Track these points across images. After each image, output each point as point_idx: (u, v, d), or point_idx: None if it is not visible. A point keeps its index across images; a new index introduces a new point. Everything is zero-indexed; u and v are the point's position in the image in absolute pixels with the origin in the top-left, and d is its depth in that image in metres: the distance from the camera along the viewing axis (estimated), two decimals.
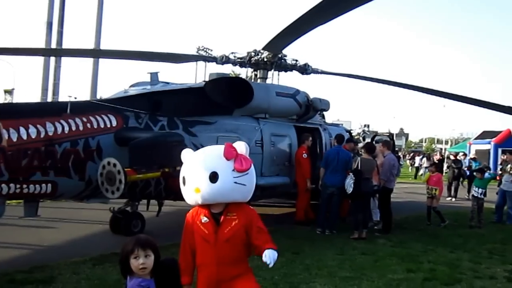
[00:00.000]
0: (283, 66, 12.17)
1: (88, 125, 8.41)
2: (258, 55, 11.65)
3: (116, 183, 7.84)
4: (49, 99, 21.67)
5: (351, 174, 10.35)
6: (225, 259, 3.88)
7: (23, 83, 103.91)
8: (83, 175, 8.27)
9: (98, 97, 17.47)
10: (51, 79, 22.59)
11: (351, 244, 9.64)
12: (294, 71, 12.48)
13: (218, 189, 3.82)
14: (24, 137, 7.51)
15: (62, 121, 8.09)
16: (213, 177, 3.80)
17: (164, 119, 9.39)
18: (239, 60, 11.81)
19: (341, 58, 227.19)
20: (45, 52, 18.70)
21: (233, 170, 3.85)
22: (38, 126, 7.75)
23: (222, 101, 10.29)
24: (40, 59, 22.09)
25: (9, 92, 33.71)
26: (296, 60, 12.27)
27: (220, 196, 3.86)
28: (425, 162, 28.85)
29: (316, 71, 12.62)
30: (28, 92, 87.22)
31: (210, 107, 9.98)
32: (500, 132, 30.95)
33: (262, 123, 11.10)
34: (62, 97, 22.63)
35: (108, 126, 8.66)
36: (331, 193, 10.76)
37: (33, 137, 7.65)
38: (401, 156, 34.37)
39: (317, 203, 11.61)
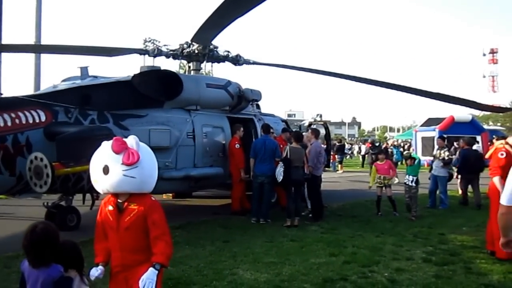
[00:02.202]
0: (215, 58, 12.66)
1: (17, 120, 8.74)
2: (190, 47, 11.95)
3: (44, 177, 8.16)
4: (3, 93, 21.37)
5: (281, 162, 10.83)
6: (126, 246, 4.28)
7: None
8: (13, 171, 8.64)
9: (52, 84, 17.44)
10: None
11: (283, 232, 10.16)
12: (226, 62, 12.85)
13: (108, 180, 4.19)
14: None
15: None
16: (105, 169, 4.19)
17: (94, 113, 9.73)
18: (171, 52, 12.16)
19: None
20: None
21: (122, 163, 4.18)
22: None
23: (151, 94, 10.63)
24: None
25: None
26: (228, 52, 12.70)
27: (110, 187, 4.24)
28: (362, 150, 29.74)
29: (248, 62, 13.16)
30: None
31: (140, 100, 10.35)
32: (444, 119, 31.78)
33: (193, 115, 11.55)
34: (5, 94, 22.34)
35: (37, 121, 9.00)
36: (261, 182, 11.27)
37: None
38: (346, 145, 35.16)
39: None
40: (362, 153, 33.11)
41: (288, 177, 10.77)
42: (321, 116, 23.50)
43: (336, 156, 29.92)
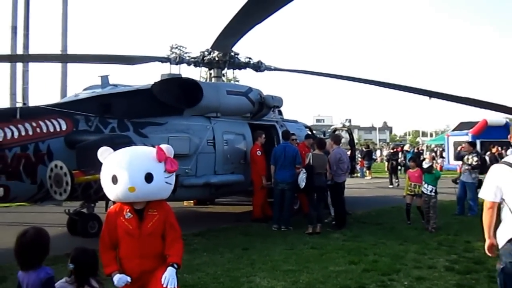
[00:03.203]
0: (237, 64, 12.78)
1: (38, 129, 8.98)
2: (210, 54, 12.08)
3: (63, 185, 8.36)
4: (19, 104, 21.93)
5: (303, 169, 10.87)
6: (147, 252, 4.45)
7: None
8: (34, 179, 8.88)
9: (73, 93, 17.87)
10: (19, 84, 22.89)
11: (304, 239, 10.18)
12: (248, 68, 12.92)
13: (153, 188, 4.38)
14: None
15: (11, 127, 8.62)
16: (148, 177, 4.34)
17: (114, 121, 9.93)
18: (193, 60, 12.29)
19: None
20: (11, 58, 19.06)
21: (165, 171, 4.41)
22: None
23: (171, 101, 10.78)
24: (7, 64, 22.38)
25: None
26: (250, 58, 12.78)
27: (153, 195, 4.45)
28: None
29: (269, 68, 13.22)
30: None
31: (160, 108, 10.49)
32: (477, 123, 31.33)
33: (213, 122, 11.68)
34: (32, 102, 22.93)
35: (58, 130, 9.24)
36: (282, 188, 11.34)
37: None
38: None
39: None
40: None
41: (311, 183, 10.83)
42: (350, 121, 23.33)
43: (364, 162, 29.74)
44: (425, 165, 11.93)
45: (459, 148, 21.83)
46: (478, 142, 28.33)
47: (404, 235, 10.64)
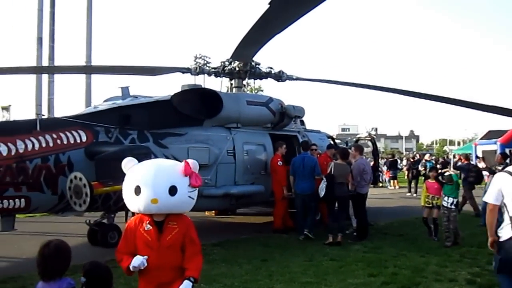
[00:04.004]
0: (258, 74, 12.80)
1: (58, 141, 9.12)
2: (231, 64, 12.16)
3: (83, 196, 8.49)
4: (45, 115, 22.33)
5: (324, 178, 10.91)
6: (166, 264, 4.46)
7: (19, 98, 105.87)
8: (55, 190, 9.03)
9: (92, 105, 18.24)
10: (45, 94, 23.30)
11: (324, 250, 10.14)
12: (269, 78, 12.96)
13: (176, 202, 4.40)
14: None
15: (32, 138, 8.76)
16: (172, 190, 4.36)
17: (134, 132, 10.03)
18: (213, 70, 12.37)
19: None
20: (37, 70, 19.45)
21: (189, 185, 4.43)
22: (9, 144, 8.48)
23: (191, 112, 10.87)
24: (33, 75, 22.83)
25: (6, 108, 34.31)
26: (271, 68, 12.81)
27: (175, 208, 4.47)
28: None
29: (291, 78, 13.23)
30: (24, 107, 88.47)
31: (180, 118, 10.56)
32: (506, 131, 30.76)
33: (233, 133, 11.73)
34: (57, 112, 23.38)
35: (78, 141, 9.34)
36: (303, 199, 11.32)
37: (4, 154, 8.38)
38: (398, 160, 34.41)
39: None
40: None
41: (331, 193, 10.83)
42: (376, 130, 23.13)
43: (390, 172, 29.44)
44: (444, 178, 11.07)
45: (456, 158, 21.57)
46: (507, 151, 27.92)
47: (426, 246, 10.53)
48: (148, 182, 4.33)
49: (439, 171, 11.49)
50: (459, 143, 70.15)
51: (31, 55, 23.71)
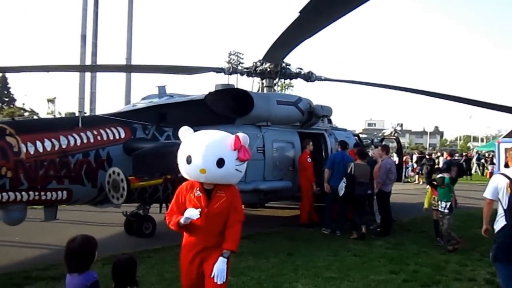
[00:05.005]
0: (288, 75, 12.82)
1: (99, 137, 9.27)
2: (262, 65, 12.16)
3: (120, 190, 8.62)
4: (87, 108, 22.74)
5: (344, 178, 10.92)
6: (211, 230, 4.63)
7: (63, 91, 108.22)
8: (95, 183, 9.17)
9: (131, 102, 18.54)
10: (87, 88, 23.69)
11: (348, 245, 10.11)
12: (299, 78, 12.94)
13: (223, 173, 4.54)
14: (41, 150, 8.41)
15: (74, 134, 8.94)
16: (220, 162, 4.48)
17: (169, 129, 10.08)
18: (245, 70, 12.40)
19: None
20: (81, 69, 19.79)
21: (237, 159, 4.53)
22: (53, 139, 8.65)
23: (223, 111, 10.90)
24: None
25: (51, 101, 35.09)
26: (300, 69, 12.80)
27: (222, 179, 4.62)
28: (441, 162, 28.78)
29: (320, 78, 13.21)
30: (68, 100, 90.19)
31: (213, 117, 10.59)
32: None
33: (264, 131, 11.74)
34: (99, 106, 23.78)
35: (117, 137, 9.48)
36: (336, 195, 11.29)
37: (49, 149, 8.54)
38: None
39: (323, 205, 12.16)
40: (440, 165, 31.53)
41: (351, 192, 10.82)
42: (401, 125, 22.91)
43: (418, 167, 29.03)
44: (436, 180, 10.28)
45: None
46: None
47: (446, 244, 10.27)
48: (198, 152, 4.47)
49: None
50: (482, 140, 68.90)
51: (75, 51, 24.13)
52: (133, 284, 4.10)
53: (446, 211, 10.00)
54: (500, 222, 6.04)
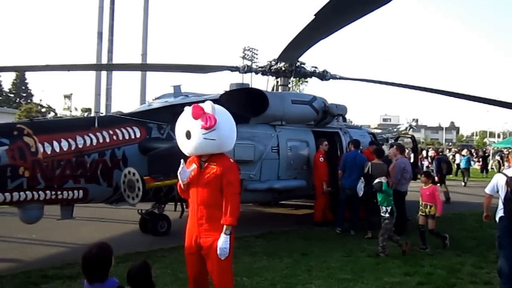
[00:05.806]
0: (302, 73, 12.79)
1: (114, 137, 9.31)
2: (277, 64, 12.11)
3: (136, 190, 8.65)
4: (102, 104, 22.87)
5: (362, 178, 10.77)
6: (204, 201, 4.77)
7: (80, 87, 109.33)
8: (111, 182, 9.21)
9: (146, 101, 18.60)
10: (103, 85, 23.84)
11: (362, 245, 10.01)
12: (313, 77, 12.88)
13: (191, 144, 4.77)
14: (57, 149, 8.47)
15: (90, 134, 8.99)
16: (188, 134, 4.74)
17: None
18: (260, 69, 12.35)
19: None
20: (97, 68, 19.93)
21: (201, 128, 4.64)
22: (69, 139, 8.71)
23: (238, 110, 10.79)
24: (93, 62, 23.33)
25: (68, 97, 35.31)
26: (315, 67, 12.73)
27: (194, 150, 4.82)
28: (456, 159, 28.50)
29: (334, 77, 13.12)
30: (84, 96, 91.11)
31: None
32: None
33: (278, 130, 11.69)
34: (114, 102, 23.96)
35: (133, 137, 9.52)
36: (349, 195, 11.23)
37: (65, 149, 8.60)
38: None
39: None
40: (457, 161, 31.05)
41: (370, 192, 10.61)
42: (417, 121, 22.65)
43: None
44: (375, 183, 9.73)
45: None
46: None
47: (461, 245, 10.25)
48: (176, 129, 5.06)
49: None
50: (499, 136, 68.07)
51: (92, 48, 24.32)
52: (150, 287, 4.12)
53: (387, 215, 9.52)
54: (499, 214, 6.89)
